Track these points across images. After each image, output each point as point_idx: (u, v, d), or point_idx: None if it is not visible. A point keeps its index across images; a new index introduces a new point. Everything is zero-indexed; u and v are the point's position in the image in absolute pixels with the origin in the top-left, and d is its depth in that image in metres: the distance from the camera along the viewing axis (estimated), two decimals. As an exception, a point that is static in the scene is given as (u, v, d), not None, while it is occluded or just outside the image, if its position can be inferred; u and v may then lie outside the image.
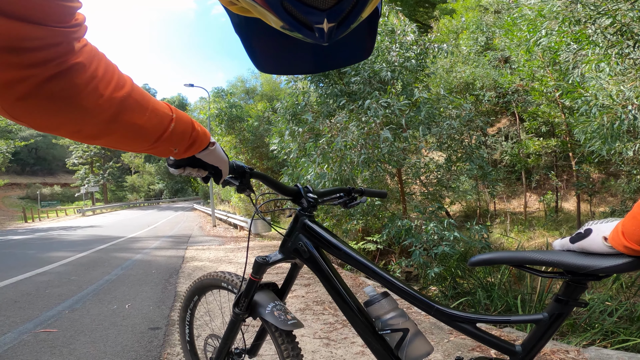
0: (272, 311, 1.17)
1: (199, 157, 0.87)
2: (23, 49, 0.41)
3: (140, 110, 0.60)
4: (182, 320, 1.64)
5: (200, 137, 0.78)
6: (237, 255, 7.40)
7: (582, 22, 3.98)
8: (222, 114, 16.01)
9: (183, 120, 0.72)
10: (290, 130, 7.36)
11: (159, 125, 0.66)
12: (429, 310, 0.90)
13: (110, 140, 0.61)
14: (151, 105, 0.63)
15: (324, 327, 3.10)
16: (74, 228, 16.03)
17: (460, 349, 2.55)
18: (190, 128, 0.75)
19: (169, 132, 0.68)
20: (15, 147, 30.52)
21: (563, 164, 12.23)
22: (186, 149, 0.76)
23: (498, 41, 11.94)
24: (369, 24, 0.56)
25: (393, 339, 0.95)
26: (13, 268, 5.90)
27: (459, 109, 6.24)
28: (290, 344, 1.18)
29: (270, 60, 0.60)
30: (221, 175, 0.98)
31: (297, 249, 1.15)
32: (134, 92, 0.59)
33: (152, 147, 0.68)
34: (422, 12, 23.13)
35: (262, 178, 1.12)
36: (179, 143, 0.73)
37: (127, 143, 0.63)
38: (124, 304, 3.84)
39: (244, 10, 0.46)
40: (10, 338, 2.86)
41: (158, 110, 0.65)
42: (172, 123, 0.68)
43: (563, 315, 0.75)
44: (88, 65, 0.50)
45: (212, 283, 1.45)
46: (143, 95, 0.61)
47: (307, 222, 1.14)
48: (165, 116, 0.67)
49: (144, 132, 0.63)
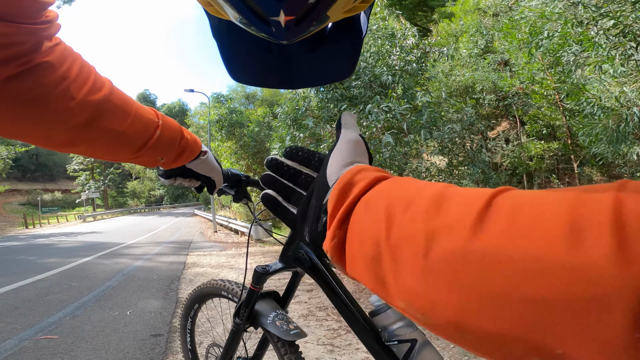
0: (273, 321, 1.13)
1: (190, 167, 0.80)
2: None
3: (120, 115, 0.55)
4: (183, 328, 1.61)
5: (190, 145, 0.73)
6: (238, 261, 7.36)
7: (585, 24, 3.98)
8: (222, 120, 16.03)
9: (171, 127, 0.67)
10: (291, 135, 7.35)
11: (143, 132, 0.60)
12: None
13: (86, 148, 0.56)
14: (134, 110, 0.58)
15: (327, 333, 3.07)
16: (74, 234, 16.00)
17: (467, 354, 2.52)
18: (179, 136, 0.69)
19: (155, 140, 0.63)
20: (16, 153, 30.54)
21: (565, 167, 12.20)
22: (175, 158, 0.71)
23: (497, 44, 11.96)
24: (353, 43, 0.53)
25: (400, 350, 0.90)
26: (14, 274, 5.87)
27: (460, 112, 6.24)
28: (293, 354, 1.15)
29: (245, 70, 0.57)
30: (215, 186, 0.92)
31: (298, 257, 1.10)
32: (113, 96, 0.54)
33: (136, 156, 0.63)
34: (421, 16, 23.20)
35: (258, 185, 1.07)
36: (166, 152, 0.68)
37: (107, 151, 0.58)
38: (125, 310, 3.81)
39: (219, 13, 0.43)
40: (11, 345, 2.83)
41: (142, 116, 0.60)
42: (157, 130, 0.63)
43: None
44: (58, 65, 0.46)
45: (212, 292, 1.42)
46: (124, 99, 0.57)
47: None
48: (150, 122, 0.62)
49: (126, 140, 0.58)
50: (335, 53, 0.51)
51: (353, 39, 0.52)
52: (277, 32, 0.39)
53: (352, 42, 0.52)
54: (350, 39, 0.52)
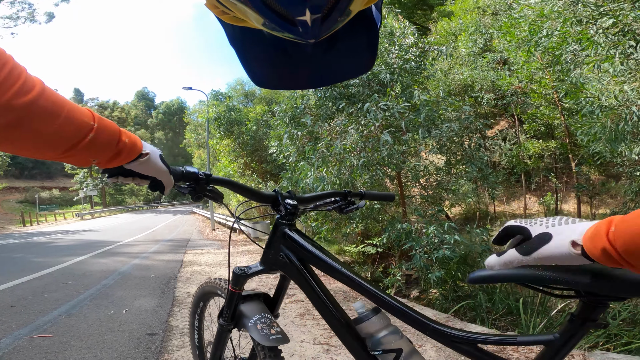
0: (255, 324, 1.09)
1: (129, 167, 0.80)
2: None
3: (49, 118, 0.56)
4: (192, 325, 1.62)
5: (127, 148, 0.72)
6: (236, 260, 7.35)
7: (584, 23, 3.97)
8: (220, 118, 16.02)
9: (107, 130, 0.67)
10: (289, 133, 7.33)
11: (73, 134, 0.61)
12: (424, 330, 0.81)
13: (9, 147, 0.56)
14: (65, 112, 0.58)
15: (324, 332, 3.05)
16: (72, 232, 15.98)
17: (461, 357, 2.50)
18: (116, 139, 0.69)
19: (87, 142, 0.63)
20: (13, 151, 30.46)
21: (563, 165, 12.22)
22: (109, 160, 0.71)
23: (497, 43, 11.95)
24: (368, 36, 0.54)
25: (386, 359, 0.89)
26: (10, 272, 5.84)
27: (458, 111, 6.22)
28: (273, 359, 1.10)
29: (267, 74, 0.57)
30: (163, 186, 0.90)
31: (278, 260, 1.07)
32: (42, 99, 0.54)
33: (64, 156, 0.63)
34: (420, 15, 23.17)
35: (226, 184, 1.03)
36: (99, 154, 0.68)
37: (33, 151, 0.59)
38: (121, 309, 3.79)
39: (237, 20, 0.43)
40: (5, 343, 2.81)
41: (74, 119, 0.60)
42: (91, 133, 0.63)
43: (577, 335, 0.64)
44: None
45: (211, 290, 1.43)
46: (56, 101, 0.57)
47: (286, 232, 1.06)
48: (83, 125, 0.62)
49: (54, 141, 0.59)
50: (353, 48, 0.52)
51: (368, 33, 0.53)
52: (303, 31, 0.41)
53: (368, 36, 0.54)
54: (366, 33, 0.53)
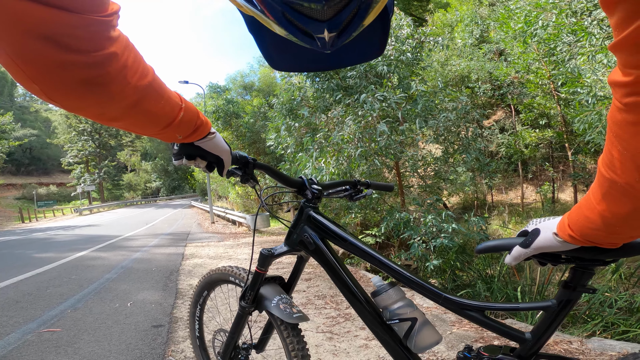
0: (277, 304, 1.17)
1: (199, 144, 0.90)
2: (66, 37, 0.43)
3: (157, 98, 0.64)
4: (192, 315, 1.64)
5: (202, 125, 0.83)
6: (236, 252, 7.41)
7: (579, 14, 4.00)
8: (218, 110, 15.97)
9: (190, 110, 0.77)
10: (287, 125, 7.35)
11: (170, 114, 0.70)
12: (437, 299, 0.89)
13: (126, 123, 0.65)
14: (166, 94, 0.67)
15: (326, 321, 3.13)
16: (72, 227, 15.99)
17: (463, 340, 2.58)
18: (196, 117, 0.80)
19: (178, 121, 0.73)
20: (9, 147, 30.31)
21: (559, 155, 12.29)
22: (188, 135, 0.81)
23: (493, 34, 11.94)
24: (382, 21, 0.58)
25: (401, 328, 0.95)
26: (13, 268, 5.89)
27: (455, 101, 6.26)
28: (295, 337, 1.18)
29: (284, 58, 0.63)
30: (223, 166, 1.00)
31: (302, 240, 1.15)
32: (154, 82, 0.62)
33: (161, 132, 0.73)
34: (416, 6, 23.03)
35: (266, 169, 1.12)
36: (184, 130, 0.78)
37: (141, 127, 0.68)
38: (125, 302, 3.85)
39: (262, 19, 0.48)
40: (15, 338, 2.87)
41: (171, 99, 0.69)
42: (181, 112, 0.73)
43: (572, 301, 0.75)
44: (121, 55, 0.51)
45: (220, 277, 1.46)
46: (161, 84, 0.65)
47: (312, 214, 1.14)
48: (176, 105, 0.71)
49: (157, 119, 0.68)
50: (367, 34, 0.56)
51: (382, 19, 0.58)
52: (321, 45, 0.46)
53: (382, 22, 0.59)
54: (380, 19, 0.57)
